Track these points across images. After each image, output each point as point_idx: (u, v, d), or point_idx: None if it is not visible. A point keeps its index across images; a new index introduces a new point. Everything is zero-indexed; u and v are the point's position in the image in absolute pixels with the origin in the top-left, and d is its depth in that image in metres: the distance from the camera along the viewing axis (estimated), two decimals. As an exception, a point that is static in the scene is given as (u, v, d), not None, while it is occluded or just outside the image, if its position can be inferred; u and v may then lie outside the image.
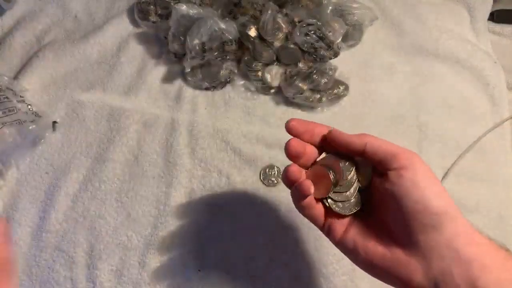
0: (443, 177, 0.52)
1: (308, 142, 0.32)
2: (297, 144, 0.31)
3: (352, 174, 0.31)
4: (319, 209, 0.32)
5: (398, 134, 0.55)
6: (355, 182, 0.31)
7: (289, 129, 0.32)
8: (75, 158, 0.52)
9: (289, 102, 0.56)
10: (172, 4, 0.58)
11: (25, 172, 0.52)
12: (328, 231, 0.31)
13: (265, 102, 0.57)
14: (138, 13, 0.61)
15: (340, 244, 0.31)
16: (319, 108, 0.56)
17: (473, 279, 0.24)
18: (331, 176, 0.30)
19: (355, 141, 0.30)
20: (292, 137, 0.32)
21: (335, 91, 0.55)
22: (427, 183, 0.26)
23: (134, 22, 0.62)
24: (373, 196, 0.30)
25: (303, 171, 0.31)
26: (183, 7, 0.53)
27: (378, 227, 0.29)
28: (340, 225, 0.31)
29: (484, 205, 0.51)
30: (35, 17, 0.63)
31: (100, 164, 0.52)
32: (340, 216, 0.31)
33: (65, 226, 0.49)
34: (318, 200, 0.32)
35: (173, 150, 0.52)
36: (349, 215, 0.31)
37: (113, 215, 0.49)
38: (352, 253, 0.30)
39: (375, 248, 0.28)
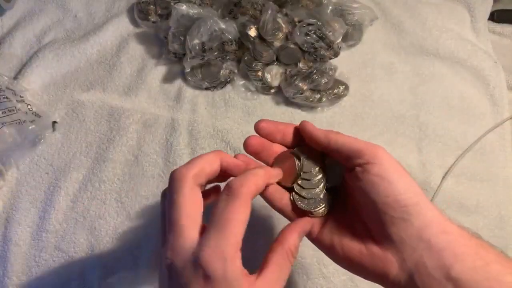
0: (443, 177, 0.52)
1: (280, 143, 0.33)
2: (256, 142, 0.32)
3: (317, 171, 0.31)
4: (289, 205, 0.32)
5: (398, 134, 0.55)
6: (323, 181, 0.31)
7: (258, 130, 0.32)
8: (75, 158, 0.52)
9: (289, 102, 0.56)
10: (172, 4, 0.58)
11: (25, 172, 0.52)
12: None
13: (265, 102, 0.57)
14: (138, 13, 0.61)
15: (317, 241, 0.31)
16: (319, 108, 0.56)
17: (447, 268, 0.24)
18: (297, 162, 0.30)
19: (319, 136, 0.30)
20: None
21: (335, 91, 0.55)
22: (394, 176, 0.26)
23: (134, 22, 0.62)
24: (347, 192, 0.31)
25: (252, 160, 0.32)
26: (183, 7, 0.53)
27: (354, 223, 0.29)
28: (316, 222, 0.31)
29: (484, 205, 0.51)
30: (35, 17, 0.63)
31: (100, 164, 0.52)
32: (304, 213, 0.31)
33: (65, 226, 0.49)
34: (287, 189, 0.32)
35: (173, 150, 0.52)
36: (314, 213, 0.30)
37: (113, 215, 0.49)
38: (329, 250, 0.30)
39: (352, 245, 0.28)
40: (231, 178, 0.28)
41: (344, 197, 0.31)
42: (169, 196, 0.26)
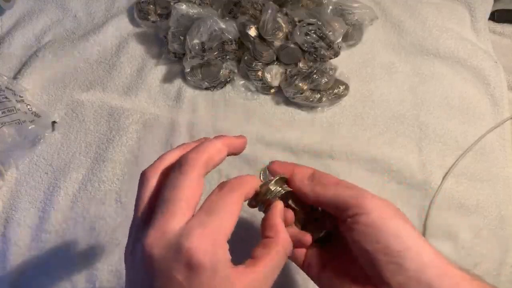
0: (443, 177, 0.52)
1: None
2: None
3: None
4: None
5: (398, 134, 0.55)
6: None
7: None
8: (75, 158, 0.52)
9: (289, 102, 0.56)
10: (172, 3, 0.58)
11: (24, 172, 0.51)
12: (308, 268, 0.32)
13: (265, 102, 0.57)
14: (137, 13, 0.60)
15: (318, 280, 0.31)
16: (319, 108, 0.56)
17: None
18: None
19: (307, 193, 0.30)
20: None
21: (336, 90, 0.55)
22: (383, 223, 0.26)
23: (134, 22, 0.62)
24: (344, 239, 0.30)
25: None
26: (183, 7, 0.53)
27: (353, 269, 0.29)
28: (317, 263, 0.31)
29: (484, 205, 0.51)
30: (35, 17, 0.63)
31: (99, 164, 0.52)
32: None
33: (65, 226, 0.49)
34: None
35: (173, 150, 0.52)
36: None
37: (113, 215, 0.49)
38: None
39: None
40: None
41: (343, 243, 0.31)
42: (172, 179, 0.25)
